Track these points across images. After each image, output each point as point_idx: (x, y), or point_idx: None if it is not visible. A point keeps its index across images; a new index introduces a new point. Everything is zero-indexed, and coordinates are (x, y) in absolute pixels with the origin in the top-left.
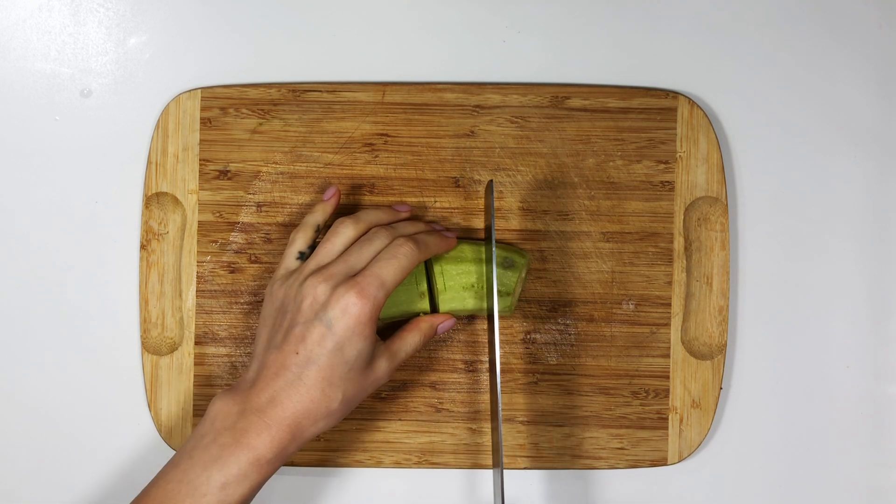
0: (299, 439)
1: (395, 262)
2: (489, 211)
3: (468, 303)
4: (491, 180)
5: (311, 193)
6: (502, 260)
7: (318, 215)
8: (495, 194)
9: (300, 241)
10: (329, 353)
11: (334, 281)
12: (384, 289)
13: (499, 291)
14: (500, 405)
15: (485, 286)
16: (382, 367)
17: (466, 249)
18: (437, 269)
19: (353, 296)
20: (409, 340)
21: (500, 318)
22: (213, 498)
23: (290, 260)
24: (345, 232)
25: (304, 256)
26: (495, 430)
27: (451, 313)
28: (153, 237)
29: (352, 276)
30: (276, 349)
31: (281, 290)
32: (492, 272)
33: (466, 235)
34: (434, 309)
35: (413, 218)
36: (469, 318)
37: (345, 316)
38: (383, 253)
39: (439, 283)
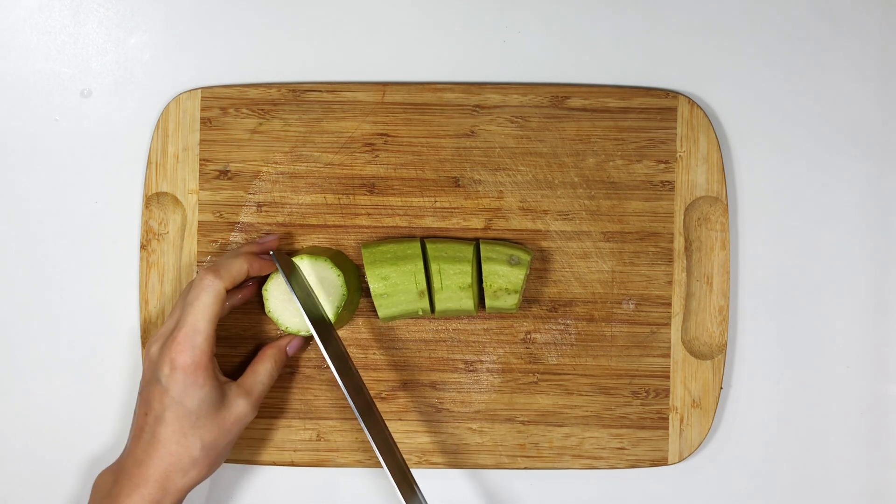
0: (174, 491)
1: (198, 302)
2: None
3: (465, 303)
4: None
5: (311, 193)
6: (508, 258)
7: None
8: (496, 194)
9: None
10: (170, 408)
11: (162, 340)
12: (201, 333)
13: (506, 290)
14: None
15: (482, 287)
16: (240, 405)
17: (466, 250)
18: (434, 267)
19: (174, 351)
20: (261, 371)
21: (506, 315)
22: None
23: None
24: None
25: None
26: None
27: (447, 312)
28: (153, 237)
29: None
30: (135, 415)
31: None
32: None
33: (464, 236)
34: (432, 307)
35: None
36: (469, 318)
37: (173, 371)
38: (188, 297)
39: (436, 281)
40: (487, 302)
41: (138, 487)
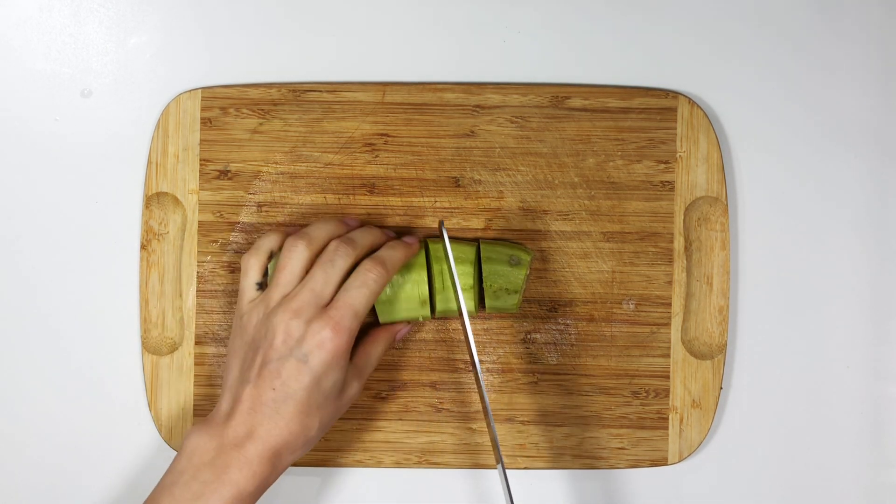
0: (279, 469)
1: (366, 290)
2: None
3: (466, 304)
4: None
5: (311, 193)
6: (508, 258)
7: (273, 240)
8: (496, 194)
9: (254, 270)
10: (306, 387)
11: (306, 315)
12: (358, 319)
13: (507, 290)
14: (487, 402)
15: (483, 287)
16: (354, 386)
17: (468, 251)
18: (436, 268)
19: (329, 330)
20: (373, 353)
21: (506, 315)
22: None
23: (250, 291)
24: (300, 254)
25: (262, 286)
26: (489, 428)
27: (448, 312)
28: (153, 237)
29: (324, 308)
30: (250, 384)
31: (250, 323)
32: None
33: (464, 236)
34: (433, 309)
35: (364, 224)
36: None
37: (321, 351)
38: (353, 281)
39: (438, 283)
40: (487, 302)
41: (250, 463)
